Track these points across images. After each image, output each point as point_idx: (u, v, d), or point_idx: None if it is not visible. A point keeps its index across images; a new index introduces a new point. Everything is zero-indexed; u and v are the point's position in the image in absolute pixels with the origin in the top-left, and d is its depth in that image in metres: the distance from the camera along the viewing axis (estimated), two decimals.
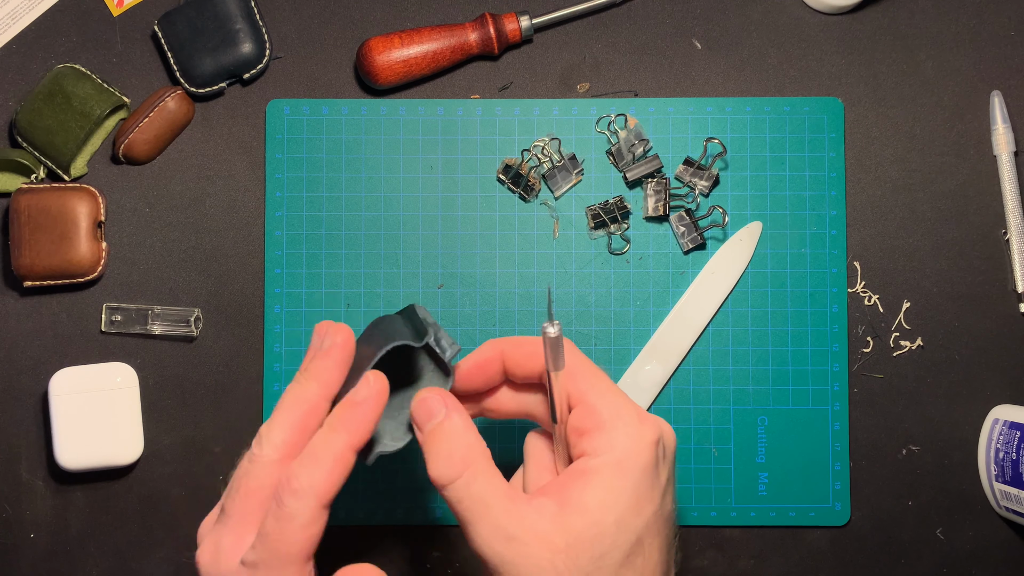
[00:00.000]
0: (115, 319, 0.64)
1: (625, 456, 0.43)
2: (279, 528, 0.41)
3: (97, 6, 0.66)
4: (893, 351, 0.65)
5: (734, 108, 0.65)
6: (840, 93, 0.66)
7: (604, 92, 0.66)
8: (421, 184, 0.65)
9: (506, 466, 0.47)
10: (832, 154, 0.65)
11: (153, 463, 0.64)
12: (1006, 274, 0.65)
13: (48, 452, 0.64)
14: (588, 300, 0.65)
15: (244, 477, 0.43)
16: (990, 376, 0.64)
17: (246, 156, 0.65)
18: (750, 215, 0.65)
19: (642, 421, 0.44)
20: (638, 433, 0.44)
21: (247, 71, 0.64)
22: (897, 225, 0.65)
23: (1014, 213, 0.64)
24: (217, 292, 0.65)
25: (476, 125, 0.65)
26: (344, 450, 0.43)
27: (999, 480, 0.62)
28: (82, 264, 0.63)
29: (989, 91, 0.65)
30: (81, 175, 0.65)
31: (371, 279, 0.65)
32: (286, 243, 0.65)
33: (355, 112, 0.65)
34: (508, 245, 0.65)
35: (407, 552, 0.64)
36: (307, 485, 0.42)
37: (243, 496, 0.43)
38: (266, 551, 0.41)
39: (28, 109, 0.63)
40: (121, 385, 0.62)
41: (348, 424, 0.44)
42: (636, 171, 0.64)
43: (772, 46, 0.66)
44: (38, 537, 0.64)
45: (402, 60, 0.63)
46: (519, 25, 0.64)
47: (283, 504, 0.42)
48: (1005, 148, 0.64)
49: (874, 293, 0.65)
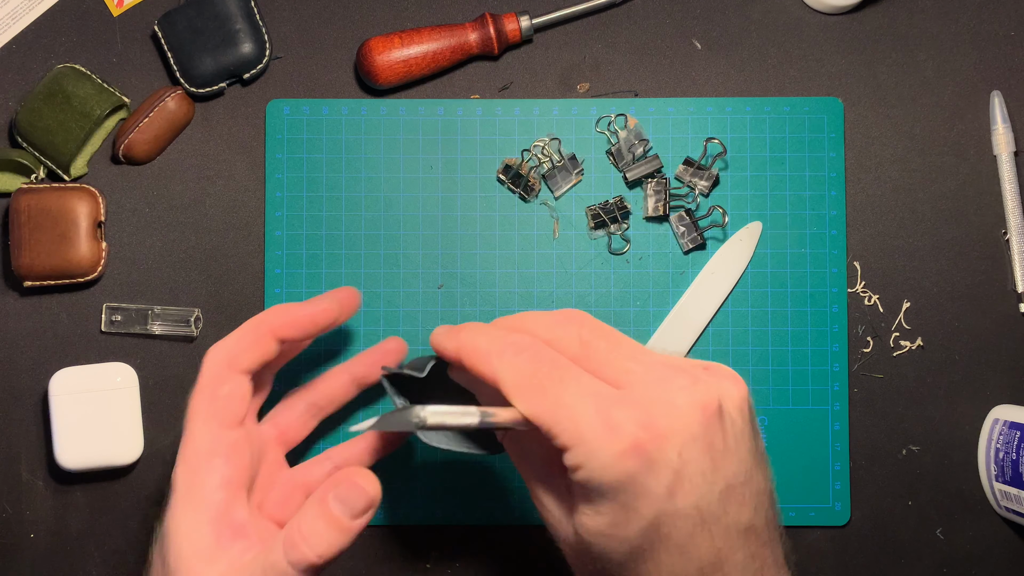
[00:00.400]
0: (115, 319, 0.64)
1: (588, 476, 0.40)
2: (193, 392, 0.50)
3: (97, 6, 0.66)
4: (893, 351, 0.65)
5: (734, 108, 0.65)
6: (840, 93, 0.66)
7: (604, 92, 0.66)
8: (421, 184, 0.65)
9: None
10: (832, 154, 0.65)
11: (153, 463, 0.64)
12: (1006, 274, 0.65)
13: (48, 452, 0.64)
14: (588, 300, 0.65)
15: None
16: (990, 376, 0.64)
17: (246, 156, 0.65)
18: (750, 215, 0.65)
19: (605, 430, 0.40)
20: (597, 445, 0.40)
21: (247, 71, 0.64)
22: (897, 225, 0.65)
23: (1014, 213, 0.64)
24: (217, 292, 0.65)
25: (476, 125, 0.65)
26: (259, 322, 0.51)
27: (999, 480, 0.62)
28: (82, 264, 0.63)
29: (989, 91, 0.65)
30: (81, 175, 0.65)
31: (371, 279, 0.65)
32: (286, 243, 0.65)
33: (355, 112, 0.65)
34: (508, 245, 0.65)
35: (407, 552, 0.64)
36: (217, 346, 0.50)
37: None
38: (188, 410, 0.50)
39: (28, 109, 0.63)
40: (121, 385, 0.62)
41: (280, 308, 0.51)
42: (636, 171, 0.64)
43: (772, 46, 0.66)
44: (38, 537, 0.64)
45: (402, 60, 0.63)
46: (519, 25, 0.64)
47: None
48: (1005, 148, 0.64)
49: (874, 293, 0.65)
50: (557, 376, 0.41)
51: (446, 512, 0.64)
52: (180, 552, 0.45)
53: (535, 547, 0.64)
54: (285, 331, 0.51)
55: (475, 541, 0.64)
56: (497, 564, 0.64)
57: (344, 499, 0.44)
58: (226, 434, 0.48)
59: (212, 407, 0.49)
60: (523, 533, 0.64)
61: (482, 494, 0.64)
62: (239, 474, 0.48)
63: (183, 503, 0.47)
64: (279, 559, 0.44)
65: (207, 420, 0.48)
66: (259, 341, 0.51)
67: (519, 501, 0.64)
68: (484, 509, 0.64)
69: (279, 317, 0.51)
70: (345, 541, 0.45)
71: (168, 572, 0.46)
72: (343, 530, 0.44)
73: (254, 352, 0.50)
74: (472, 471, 0.64)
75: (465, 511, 0.64)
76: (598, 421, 0.40)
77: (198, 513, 0.46)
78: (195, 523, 0.46)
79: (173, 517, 0.46)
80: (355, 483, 0.45)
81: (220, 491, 0.47)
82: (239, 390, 0.49)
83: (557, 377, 0.41)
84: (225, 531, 0.46)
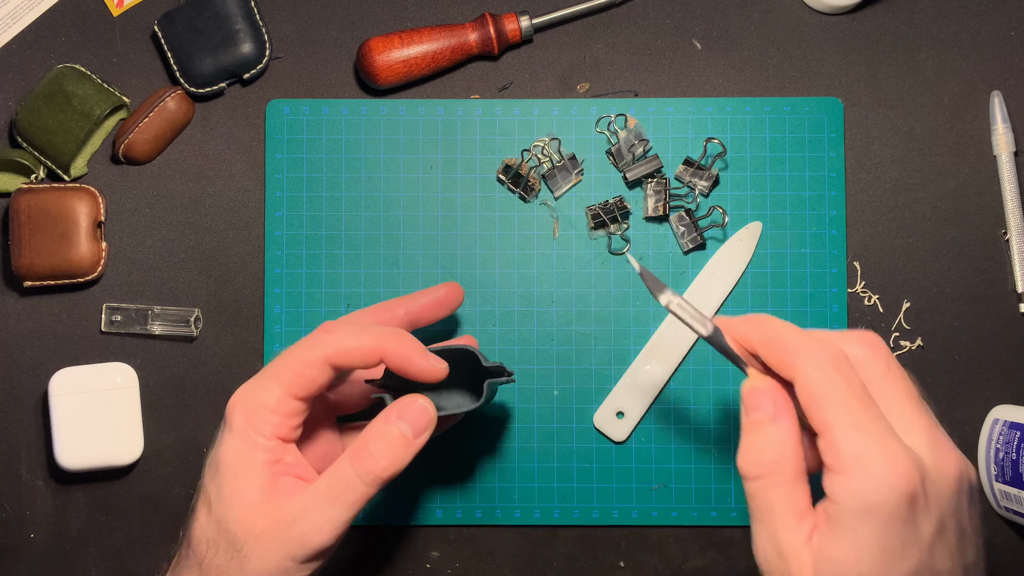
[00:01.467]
0: (115, 319, 0.64)
1: (864, 507, 0.39)
2: (283, 353, 0.52)
3: (97, 6, 0.66)
4: (893, 351, 0.65)
5: (734, 108, 0.65)
6: (840, 93, 0.66)
7: (604, 92, 0.66)
8: (421, 184, 0.65)
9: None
10: (832, 154, 0.65)
11: (153, 463, 0.64)
12: (1006, 274, 0.65)
13: (48, 452, 0.64)
14: (588, 300, 0.65)
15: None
16: (990, 376, 0.64)
17: (246, 156, 0.65)
18: (750, 215, 0.65)
19: (892, 466, 0.39)
20: (884, 481, 0.39)
21: (247, 71, 0.64)
22: (897, 225, 0.65)
23: (1014, 213, 0.64)
24: (217, 292, 0.65)
25: (476, 125, 0.65)
26: (380, 341, 0.51)
27: (999, 480, 0.62)
28: (82, 264, 0.63)
29: (989, 91, 0.65)
30: (81, 175, 0.65)
31: (371, 279, 0.65)
32: (286, 243, 0.65)
33: (355, 112, 0.65)
34: (508, 245, 0.65)
35: (407, 552, 0.64)
36: (332, 336, 0.51)
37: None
38: (269, 364, 0.52)
39: (28, 109, 0.63)
40: (121, 385, 0.62)
41: (407, 342, 0.51)
42: (636, 171, 0.64)
43: (772, 46, 0.66)
44: (38, 537, 0.64)
45: (402, 60, 0.63)
46: (519, 25, 0.64)
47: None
48: (1005, 148, 0.64)
49: (874, 293, 0.65)
50: (873, 414, 0.40)
51: (446, 512, 0.64)
52: (235, 481, 0.49)
53: (535, 547, 0.64)
54: (394, 364, 0.51)
55: (475, 541, 0.64)
56: (497, 564, 0.64)
57: (409, 418, 0.50)
58: (290, 402, 0.50)
59: (292, 378, 0.50)
60: (523, 533, 0.64)
61: (482, 494, 0.64)
62: (290, 433, 0.51)
63: (238, 438, 0.49)
64: (346, 472, 0.48)
65: (281, 383, 0.50)
66: (370, 354, 0.50)
67: (520, 501, 0.64)
68: (483, 509, 0.64)
69: (400, 350, 0.50)
70: (406, 458, 0.49)
71: (223, 499, 0.49)
72: (407, 445, 0.49)
73: (359, 360, 0.51)
74: (472, 471, 0.64)
75: (465, 511, 0.64)
76: (886, 453, 0.39)
77: (252, 453, 0.49)
78: (247, 461, 0.49)
79: (228, 451, 0.50)
80: (419, 404, 0.50)
81: (270, 440, 0.50)
82: (321, 379, 0.51)
83: (874, 416, 0.40)
84: (277, 470, 0.50)
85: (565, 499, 0.64)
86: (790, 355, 0.42)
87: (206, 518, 0.50)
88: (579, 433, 0.64)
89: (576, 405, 0.64)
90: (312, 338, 0.51)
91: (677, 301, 0.46)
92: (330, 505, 0.48)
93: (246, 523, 0.48)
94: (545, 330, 0.64)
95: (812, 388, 0.41)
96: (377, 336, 0.50)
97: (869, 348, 0.43)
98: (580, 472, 0.64)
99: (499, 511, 0.64)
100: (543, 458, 0.64)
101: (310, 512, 0.48)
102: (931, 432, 0.42)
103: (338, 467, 0.49)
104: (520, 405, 0.64)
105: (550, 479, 0.64)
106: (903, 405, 0.42)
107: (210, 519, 0.49)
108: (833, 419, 0.40)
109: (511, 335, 0.64)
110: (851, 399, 0.40)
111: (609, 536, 0.64)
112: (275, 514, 0.48)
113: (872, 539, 0.39)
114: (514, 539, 0.64)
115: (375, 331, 0.51)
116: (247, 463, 0.49)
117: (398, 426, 0.49)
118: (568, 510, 0.64)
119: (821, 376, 0.41)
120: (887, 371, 0.43)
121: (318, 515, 0.48)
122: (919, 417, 0.42)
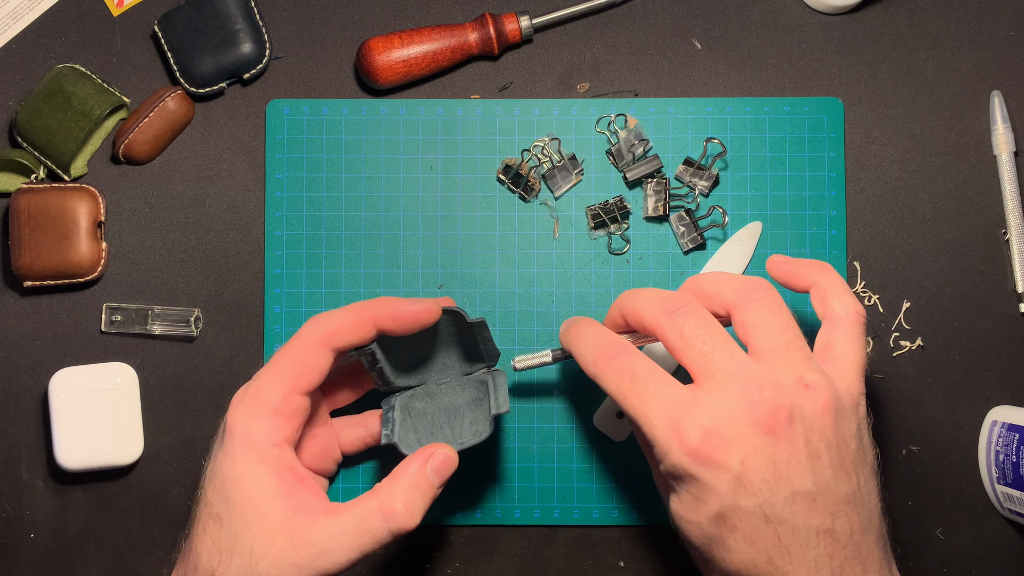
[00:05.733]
0: (115, 319, 0.64)
1: (667, 469, 0.49)
2: (281, 348, 0.53)
3: (97, 6, 0.66)
4: (893, 351, 0.65)
5: (734, 108, 0.65)
6: (840, 93, 0.66)
7: (604, 92, 0.66)
8: (421, 184, 0.65)
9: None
10: (832, 154, 0.65)
11: (153, 463, 0.64)
12: (1006, 274, 0.65)
13: (48, 452, 0.64)
14: (588, 300, 0.65)
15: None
16: (990, 376, 0.64)
17: (246, 156, 0.65)
18: (750, 215, 0.65)
19: (676, 437, 0.48)
20: (671, 460, 0.48)
21: (247, 71, 0.64)
22: (897, 225, 0.65)
23: (1014, 213, 0.64)
24: (217, 292, 0.65)
25: (476, 125, 0.65)
26: (364, 307, 0.53)
27: (1001, 483, 0.62)
28: (82, 264, 0.63)
29: (989, 91, 0.65)
30: (81, 175, 0.65)
31: (371, 279, 0.65)
32: (286, 243, 0.65)
33: (355, 112, 0.65)
34: (508, 245, 0.65)
35: (408, 552, 0.64)
36: (320, 317, 0.53)
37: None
38: (269, 362, 0.53)
39: (28, 109, 0.63)
40: (121, 385, 0.62)
41: (387, 300, 0.53)
42: (636, 171, 0.64)
43: (772, 46, 0.66)
44: (38, 537, 0.64)
45: (402, 60, 0.63)
46: (519, 25, 0.64)
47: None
48: (1005, 148, 0.64)
49: (874, 293, 0.65)
50: (648, 389, 0.49)
51: (446, 512, 0.64)
52: (246, 494, 0.49)
53: (535, 547, 0.64)
54: (387, 322, 0.53)
55: (475, 541, 0.64)
56: (497, 564, 0.64)
57: (439, 470, 0.52)
58: (295, 398, 0.51)
59: (293, 370, 0.51)
60: (523, 533, 0.64)
61: (483, 494, 0.64)
62: (294, 435, 0.52)
63: (242, 449, 0.50)
64: (377, 527, 0.50)
65: (282, 380, 0.51)
66: (360, 325, 0.52)
67: (520, 501, 0.64)
68: (484, 509, 0.64)
69: (385, 307, 0.53)
70: (430, 503, 0.52)
71: (233, 511, 0.49)
72: (433, 495, 0.52)
73: (352, 334, 0.52)
74: (472, 471, 0.64)
75: (465, 511, 0.64)
76: (669, 428, 0.47)
77: (261, 464, 0.50)
78: (256, 471, 0.50)
79: (233, 463, 0.50)
80: (448, 456, 0.53)
81: (277, 447, 0.51)
82: (322, 364, 0.52)
83: (649, 390, 0.49)
84: (288, 478, 0.51)
85: (565, 499, 0.64)
86: (810, 271, 0.53)
87: (217, 532, 0.49)
88: (579, 433, 0.64)
89: (576, 405, 0.64)
90: (301, 330, 0.52)
91: (521, 362, 0.57)
92: (357, 549, 0.50)
93: (265, 540, 0.48)
94: (545, 330, 0.64)
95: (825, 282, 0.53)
96: (363, 305, 0.52)
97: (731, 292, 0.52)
98: (580, 472, 0.64)
99: (499, 511, 0.64)
100: (543, 458, 0.64)
101: (335, 552, 0.49)
102: (736, 380, 0.48)
103: (364, 521, 0.50)
104: (520, 405, 0.64)
105: (550, 479, 0.64)
106: (725, 353, 0.50)
107: (222, 533, 0.49)
108: (631, 411, 0.49)
109: (511, 335, 0.64)
110: (638, 387, 0.50)
111: (609, 536, 0.64)
112: (297, 537, 0.49)
113: (682, 490, 0.49)
114: (514, 539, 0.64)
115: (358, 303, 0.53)
116: (256, 475, 0.50)
117: (430, 478, 0.52)
118: (568, 510, 0.64)
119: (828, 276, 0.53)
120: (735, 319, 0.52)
121: (341, 556, 0.49)
122: (735, 367, 0.48)
